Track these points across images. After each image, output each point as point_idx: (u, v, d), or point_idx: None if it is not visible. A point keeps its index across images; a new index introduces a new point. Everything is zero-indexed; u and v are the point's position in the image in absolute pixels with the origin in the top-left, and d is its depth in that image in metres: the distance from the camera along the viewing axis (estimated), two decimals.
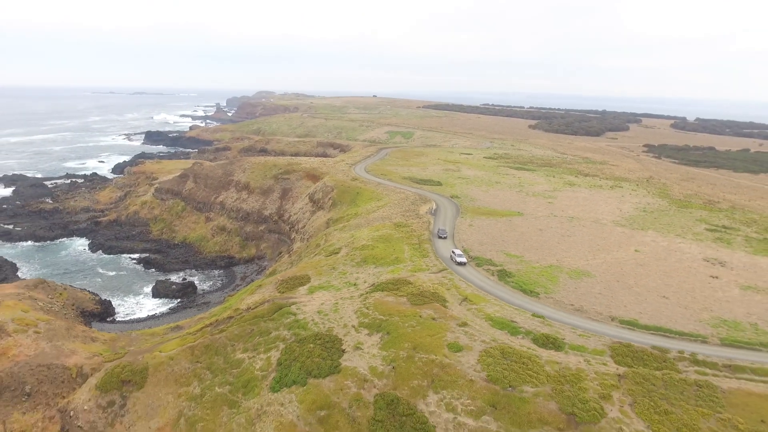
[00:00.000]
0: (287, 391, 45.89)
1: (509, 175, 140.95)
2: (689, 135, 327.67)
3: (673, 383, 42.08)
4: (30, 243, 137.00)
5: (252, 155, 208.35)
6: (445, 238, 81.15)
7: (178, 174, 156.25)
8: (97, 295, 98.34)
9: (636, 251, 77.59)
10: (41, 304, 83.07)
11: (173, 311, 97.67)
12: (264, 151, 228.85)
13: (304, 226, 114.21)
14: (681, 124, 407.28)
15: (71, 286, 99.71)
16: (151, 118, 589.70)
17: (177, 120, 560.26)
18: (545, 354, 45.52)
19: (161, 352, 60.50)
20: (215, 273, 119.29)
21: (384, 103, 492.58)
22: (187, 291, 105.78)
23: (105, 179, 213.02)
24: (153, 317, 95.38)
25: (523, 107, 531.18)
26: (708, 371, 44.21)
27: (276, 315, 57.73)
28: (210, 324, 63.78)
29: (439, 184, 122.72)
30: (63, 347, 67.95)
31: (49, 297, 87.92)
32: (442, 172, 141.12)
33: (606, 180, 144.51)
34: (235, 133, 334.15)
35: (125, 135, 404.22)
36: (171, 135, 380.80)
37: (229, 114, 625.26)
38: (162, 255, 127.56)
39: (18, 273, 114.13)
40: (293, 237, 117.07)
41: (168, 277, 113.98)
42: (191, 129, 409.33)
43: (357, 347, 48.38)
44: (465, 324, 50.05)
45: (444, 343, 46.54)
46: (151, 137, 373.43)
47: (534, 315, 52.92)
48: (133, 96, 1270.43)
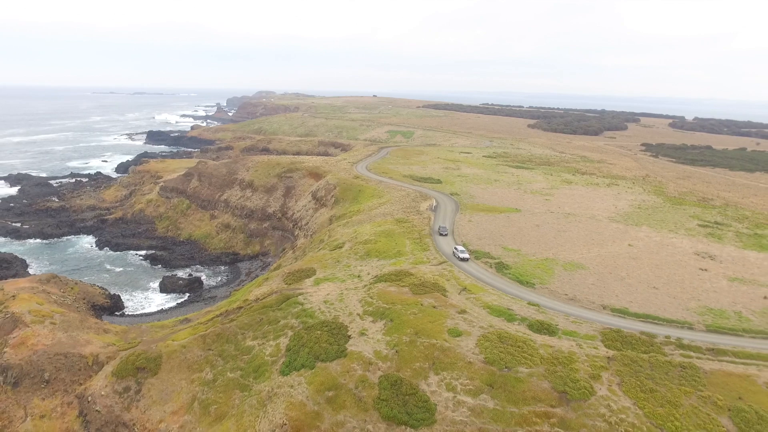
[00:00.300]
0: (296, 374, 48.69)
1: (508, 174, 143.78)
2: (687, 134, 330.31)
3: (659, 365, 44.94)
4: (38, 240, 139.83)
5: (254, 154, 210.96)
6: (446, 235, 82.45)
7: (182, 173, 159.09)
8: (107, 290, 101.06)
9: (629, 245, 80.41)
10: (54, 297, 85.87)
11: (181, 305, 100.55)
12: (266, 151, 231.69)
13: (307, 222, 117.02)
14: (679, 123, 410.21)
15: (81, 281, 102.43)
16: (153, 117, 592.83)
17: (178, 120, 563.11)
18: (540, 339, 48.38)
19: (174, 340, 63.31)
20: (220, 269, 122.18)
21: (384, 103, 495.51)
22: (194, 286, 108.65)
23: (109, 178, 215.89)
24: (161, 311, 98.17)
25: (522, 107, 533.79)
26: (692, 354, 47.05)
27: (284, 305, 60.60)
28: (220, 314, 66.62)
29: (439, 182, 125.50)
30: (78, 337, 70.75)
31: (62, 291, 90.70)
32: (442, 170, 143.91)
33: (603, 178, 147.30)
34: (237, 133, 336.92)
35: (127, 135, 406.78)
36: (173, 135, 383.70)
37: (230, 114, 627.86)
38: (168, 252, 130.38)
39: (28, 269, 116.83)
40: (297, 234, 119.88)
41: (174, 273, 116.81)
42: (193, 129, 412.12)
43: (362, 333, 51.23)
44: (464, 311, 52.92)
45: (444, 329, 49.39)
46: (153, 137, 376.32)
47: (530, 303, 55.80)
48: (134, 96, 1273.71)
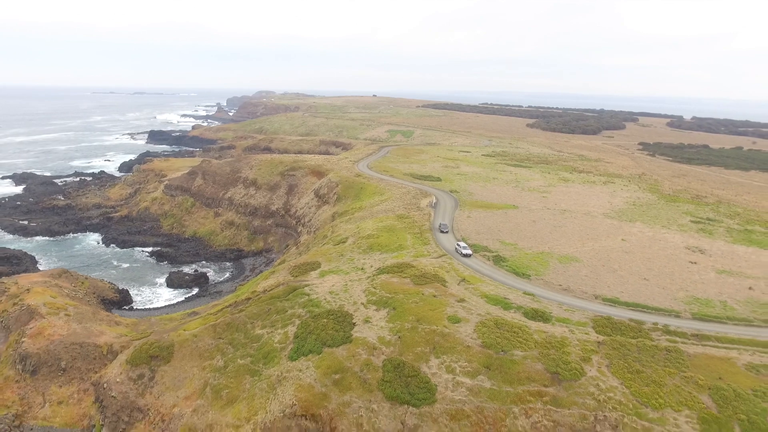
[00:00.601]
0: (305, 359, 51.52)
1: (506, 172, 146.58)
2: (684, 133, 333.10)
3: (646, 349, 47.79)
4: (45, 238, 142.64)
5: (256, 153, 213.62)
6: (447, 232, 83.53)
7: (186, 171, 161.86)
8: (116, 285, 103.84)
9: (623, 240, 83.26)
10: (66, 291, 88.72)
11: (188, 300, 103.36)
12: (268, 150, 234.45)
13: (310, 219, 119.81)
14: (677, 122, 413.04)
15: (91, 276, 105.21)
16: (154, 117, 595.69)
17: (179, 120, 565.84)
18: (534, 325, 51.23)
19: (185, 330, 66.06)
20: (225, 265, 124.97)
21: (384, 103, 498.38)
22: (200, 281, 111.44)
23: (113, 177, 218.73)
24: (169, 305, 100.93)
25: (522, 106, 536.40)
26: (678, 339, 49.92)
27: (291, 295, 63.41)
28: (229, 305, 69.42)
29: (439, 179, 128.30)
30: (92, 328, 73.61)
31: (73, 285, 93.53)
32: (441, 168, 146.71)
33: (599, 176, 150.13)
34: (238, 132, 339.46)
35: (129, 134, 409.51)
36: (174, 134, 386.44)
37: (230, 114, 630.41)
38: (173, 248, 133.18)
39: (38, 265, 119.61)
40: (300, 230, 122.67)
41: (180, 269, 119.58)
42: (194, 128, 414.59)
43: (366, 321, 54.07)
44: (463, 300, 55.79)
45: (444, 316, 52.25)
46: (155, 136, 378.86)
47: (525, 293, 58.67)
48: (134, 96, 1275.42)
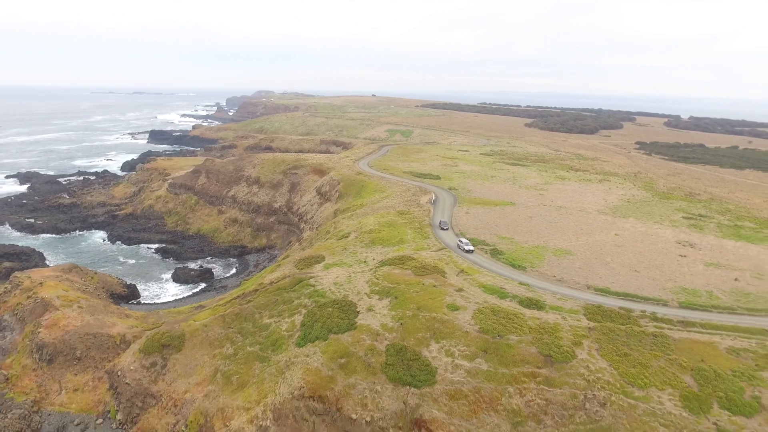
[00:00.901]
0: (311, 346, 54.38)
1: (504, 170, 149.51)
2: (681, 133, 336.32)
3: (634, 334, 50.72)
4: (52, 235, 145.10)
5: (257, 153, 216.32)
6: (447, 229, 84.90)
7: (190, 170, 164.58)
8: (123, 280, 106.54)
9: (616, 235, 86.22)
10: (77, 285, 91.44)
11: (194, 295, 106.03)
12: (269, 149, 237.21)
13: (312, 216, 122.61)
14: (674, 122, 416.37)
15: (99, 271, 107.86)
16: (155, 117, 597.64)
17: (179, 119, 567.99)
18: (529, 312, 54.14)
19: (195, 321, 68.92)
20: (229, 261, 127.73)
21: (383, 102, 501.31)
22: (205, 276, 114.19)
23: (116, 176, 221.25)
24: (177, 300, 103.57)
25: (520, 106, 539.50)
26: (664, 326, 52.83)
27: (297, 287, 66.30)
28: (237, 297, 72.26)
29: (438, 177, 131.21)
30: (104, 320, 76.42)
31: (83, 280, 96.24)
32: (440, 167, 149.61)
33: (595, 174, 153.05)
34: (239, 132, 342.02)
35: (129, 134, 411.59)
36: (175, 134, 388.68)
37: (230, 113, 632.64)
38: (178, 245, 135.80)
39: (46, 262, 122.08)
40: (302, 227, 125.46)
41: (186, 265, 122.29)
42: (194, 128, 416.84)
43: (370, 309, 56.96)
44: (461, 290, 58.69)
45: (443, 304, 55.15)
46: (156, 136, 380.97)
47: (521, 283, 61.59)
48: (133, 96, 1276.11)
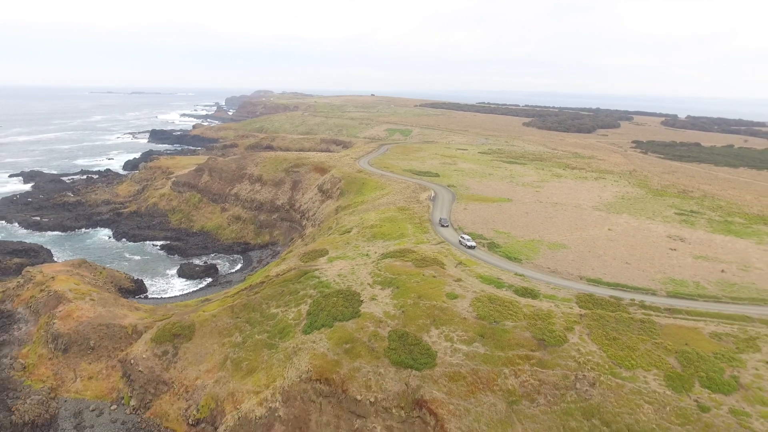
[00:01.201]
0: (318, 332, 57.24)
1: (501, 168, 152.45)
2: (678, 132, 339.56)
3: (623, 320, 53.70)
4: (58, 233, 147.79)
5: (258, 151, 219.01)
6: (447, 226, 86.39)
7: (193, 168, 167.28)
8: (131, 275, 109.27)
9: (609, 230, 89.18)
10: (87, 279, 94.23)
11: (200, 289, 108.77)
12: (270, 148, 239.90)
13: (314, 213, 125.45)
14: (671, 121, 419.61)
15: (107, 267, 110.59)
16: (156, 117, 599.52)
17: (179, 119, 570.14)
18: (524, 301, 57.10)
19: (204, 311, 71.74)
20: (233, 257, 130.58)
21: (382, 102, 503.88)
22: (210, 272, 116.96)
23: (119, 175, 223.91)
24: (183, 295, 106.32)
25: (518, 105, 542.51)
26: (652, 313, 55.82)
27: (302, 278, 69.14)
28: (245, 288, 75.08)
29: (437, 175, 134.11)
30: (116, 311, 79.24)
31: (92, 274, 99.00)
32: (439, 165, 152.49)
33: (591, 172, 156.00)
34: (239, 131, 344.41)
35: (130, 134, 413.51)
36: (175, 133, 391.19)
37: (230, 113, 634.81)
38: (182, 242, 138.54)
39: (53, 258, 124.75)
40: (304, 224, 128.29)
41: (191, 261, 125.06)
42: (195, 127, 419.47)
43: (373, 298, 59.86)
44: (460, 280, 61.63)
45: (443, 293, 58.07)
46: (156, 135, 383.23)
47: (516, 274, 64.56)
48: (132, 96, 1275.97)
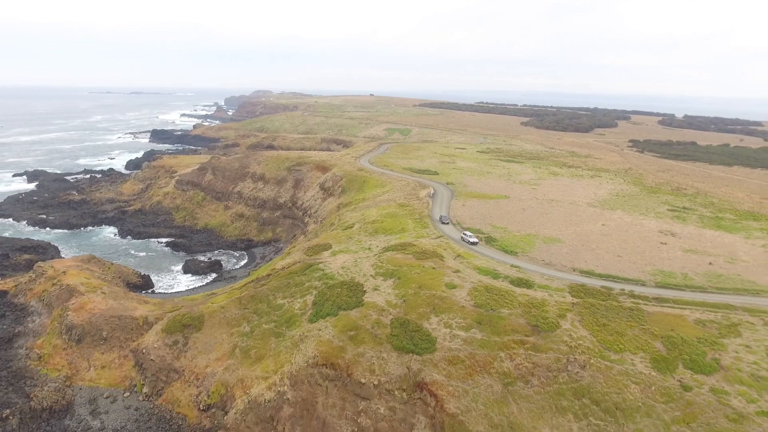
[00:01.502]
0: (323, 321, 60.13)
1: (499, 167, 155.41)
2: (675, 131, 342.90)
3: (613, 308, 56.67)
4: (64, 230, 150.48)
5: (260, 151, 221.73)
6: (448, 223, 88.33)
7: (197, 167, 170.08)
8: (138, 271, 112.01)
9: (603, 225, 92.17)
10: (97, 274, 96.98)
11: (206, 285, 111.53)
12: (271, 147, 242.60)
13: (316, 211, 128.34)
14: (668, 120, 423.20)
15: (114, 262, 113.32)
16: (156, 117, 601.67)
17: (180, 119, 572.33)
18: (519, 290, 60.06)
19: (213, 303, 74.64)
20: (237, 254, 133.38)
21: (381, 102, 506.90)
22: (215, 268, 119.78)
23: (121, 174, 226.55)
24: (189, 290, 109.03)
25: (517, 105, 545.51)
26: (640, 301, 58.80)
27: (307, 271, 72.04)
28: (252, 281, 77.93)
29: (436, 173, 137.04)
30: (127, 304, 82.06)
31: (101, 269, 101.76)
32: (438, 163, 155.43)
33: (587, 171, 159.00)
34: (240, 131, 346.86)
35: (131, 134, 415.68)
36: (176, 133, 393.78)
37: (229, 113, 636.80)
38: (187, 239, 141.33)
39: (61, 255, 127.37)
40: (306, 221, 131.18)
41: (195, 257, 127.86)
42: (195, 127, 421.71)
43: (375, 288, 62.76)
44: (458, 271, 64.56)
45: (442, 283, 61.01)
46: (157, 135, 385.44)
47: (512, 266, 67.53)
48: (131, 96, 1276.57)
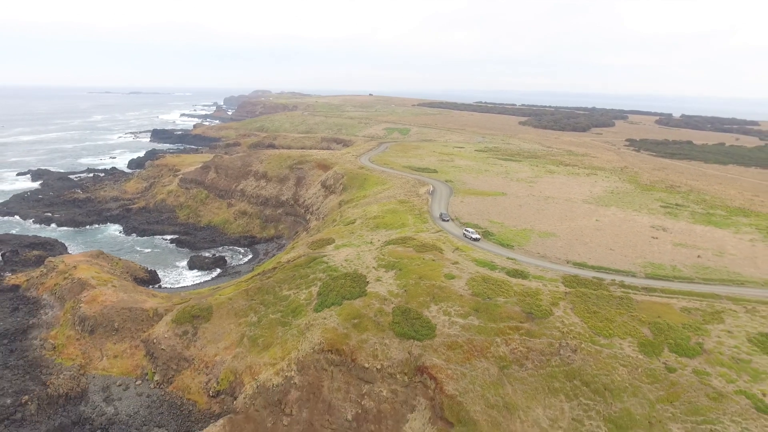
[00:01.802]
0: (328, 310, 63.05)
1: (497, 165, 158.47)
2: (672, 130, 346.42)
3: (603, 297, 59.67)
4: (70, 228, 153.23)
5: (261, 150, 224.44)
6: (448, 220, 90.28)
7: (199, 166, 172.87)
8: (145, 266, 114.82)
9: (596, 221, 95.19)
10: (106, 269, 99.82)
11: (211, 280, 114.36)
12: (272, 146, 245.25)
13: (318, 208, 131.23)
14: (665, 120, 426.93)
15: (122, 258, 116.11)
16: (156, 116, 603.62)
17: (180, 119, 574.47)
18: (514, 280, 63.04)
19: (221, 295, 77.53)
20: (240, 250, 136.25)
21: (380, 102, 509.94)
22: (219, 263, 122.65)
23: (124, 173, 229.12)
24: (195, 284, 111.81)
25: (515, 104, 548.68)
26: (630, 291, 61.78)
27: (312, 264, 74.96)
28: (258, 274, 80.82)
29: (435, 171, 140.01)
30: (136, 297, 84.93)
31: (109, 264, 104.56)
32: (437, 162, 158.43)
33: (584, 169, 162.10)
34: (240, 131, 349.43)
35: (132, 133, 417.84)
36: (177, 133, 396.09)
37: (229, 113, 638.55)
38: (191, 236, 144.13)
39: (68, 251, 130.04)
40: (308, 218, 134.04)
41: (200, 253, 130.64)
42: (196, 127, 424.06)
43: (377, 279, 65.71)
44: (456, 263, 67.54)
45: (441, 274, 63.97)
46: (158, 135, 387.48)
47: (508, 258, 70.52)
48: (130, 96, 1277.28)
